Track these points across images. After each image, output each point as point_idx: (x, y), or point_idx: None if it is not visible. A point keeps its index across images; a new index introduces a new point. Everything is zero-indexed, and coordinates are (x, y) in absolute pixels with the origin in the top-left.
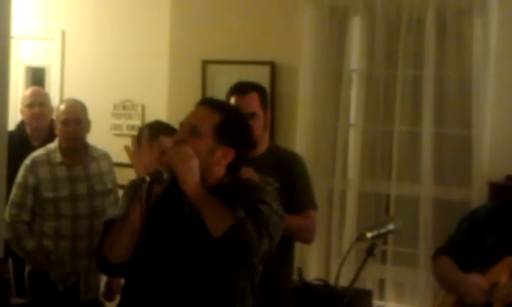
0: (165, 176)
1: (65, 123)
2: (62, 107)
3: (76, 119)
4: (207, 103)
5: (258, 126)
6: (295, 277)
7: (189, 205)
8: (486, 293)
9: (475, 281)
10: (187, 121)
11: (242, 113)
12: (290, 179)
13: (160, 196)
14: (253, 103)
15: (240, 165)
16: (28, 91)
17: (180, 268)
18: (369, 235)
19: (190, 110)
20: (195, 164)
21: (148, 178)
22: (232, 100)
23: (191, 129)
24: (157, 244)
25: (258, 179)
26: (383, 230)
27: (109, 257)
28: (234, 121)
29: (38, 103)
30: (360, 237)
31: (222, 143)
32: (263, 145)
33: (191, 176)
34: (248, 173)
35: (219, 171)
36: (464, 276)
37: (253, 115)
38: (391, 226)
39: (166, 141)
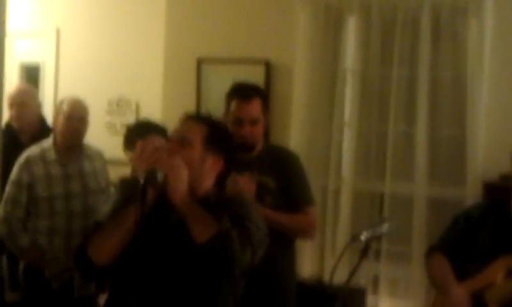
0: (159, 177)
1: (70, 118)
2: (66, 103)
3: (80, 116)
4: (193, 117)
5: (259, 131)
6: None
7: (175, 215)
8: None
9: (460, 295)
10: (176, 134)
11: (225, 125)
12: (286, 178)
13: (153, 202)
14: (256, 109)
15: (228, 176)
16: (12, 90)
17: (163, 280)
18: (363, 236)
19: (178, 123)
20: (185, 174)
21: (142, 179)
22: (234, 104)
23: (181, 141)
24: (142, 252)
25: (253, 188)
26: (377, 232)
27: (94, 258)
28: (220, 132)
29: (16, 103)
30: (354, 238)
31: (211, 152)
32: (259, 146)
33: (180, 184)
34: (244, 180)
35: (209, 181)
36: (452, 287)
37: (255, 121)
38: (385, 228)
39: (156, 140)
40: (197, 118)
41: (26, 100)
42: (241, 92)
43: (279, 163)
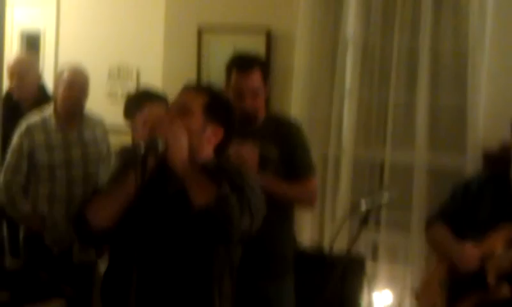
0: (160, 145)
1: (70, 86)
2: (67, 71)
3: (81, 84)
4: (193, 87)
5: (260, 102)
6: None
7: (174, 184)
8: (479, 260)
9: (471, 250)
10: (175, 103)
11: (226, 95)
12: (289, 147)
13: (153, 170)
14: (256, 81)
15: (226, 148)
16: (12, 60)
17: (162, 247)
18: (363, 206)
19: (177, 93)
20: (185, 139)
21: (143, 147)
22: (234, 76)
23: (180, 109)
24: (141, 219)
25: (256, 157)
26: (377, 201)
27: (93, 222)
28: (221, 101)
29: (17, 73)
30: (354, 208)
31: (211, 122)
32: (261, 116)
33: (180, 150)
34: (246, 150)
35: (209, 150)
36: (460, 246)
37: (256, 92)
38: (385, 197)
39: (157, 109)
40: (197, 87)
41: (26, 69)
42: (240, 63)
43: (281, 133)
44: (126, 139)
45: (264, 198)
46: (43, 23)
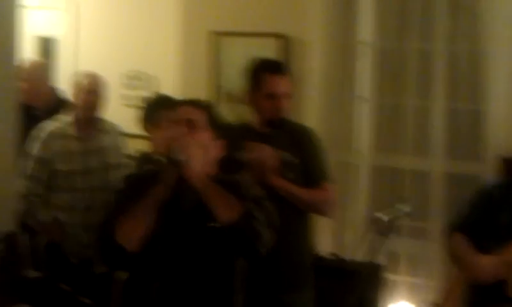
0: (180, 157)
1: (89, 92)
2: (83, 77)
3: (97, 90)
4: (189, 102)
5: (290, 105)
6: None
7: (186, 200)
8: (499, 270)
9: (489, 262)
10: (179, 120)
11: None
12: (305, 154)
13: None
14: (288, 84)
15: (226, 162)
16: (26, 65)
17: (181, 261)
18: (384, 218)
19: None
20: (201, 153)
21: (164, 159)
22: (267, 79)
23: (188, 125)
24: (161, 236)
25: (277, 158)
26: (396, 213)
27: (125, 242)
28: (218, 115)
29: (31, 79)
30: (374, 221)
31: (217, 135)
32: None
33: (199, 164)
34: (267, 150)
35: (214, 166)
36: (479, 257)
37: (288, 95)
38: (405, 209)
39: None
40: (194, 103)
41: (40, 75)
42: (274, 67)
43: (296, 139)
44: (143, 146)
45: (274, 208)
46: (61, 29)
